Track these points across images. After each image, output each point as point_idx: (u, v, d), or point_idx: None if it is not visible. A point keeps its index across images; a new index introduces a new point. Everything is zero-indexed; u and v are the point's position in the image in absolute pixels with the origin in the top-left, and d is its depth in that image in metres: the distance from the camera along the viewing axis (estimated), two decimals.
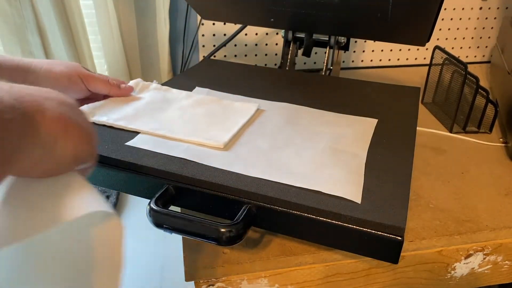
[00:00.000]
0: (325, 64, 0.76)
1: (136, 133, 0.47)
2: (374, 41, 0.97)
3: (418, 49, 1.00)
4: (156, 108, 0.53)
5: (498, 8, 0.97)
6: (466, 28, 0.99)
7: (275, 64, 0.98)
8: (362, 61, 1.00)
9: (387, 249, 0.36)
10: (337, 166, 0.43)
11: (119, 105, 0.52)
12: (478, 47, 1.02)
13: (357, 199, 0.38)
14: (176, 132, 0.47)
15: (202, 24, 0.90)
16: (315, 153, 0.45)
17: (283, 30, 0.77)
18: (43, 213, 0.25)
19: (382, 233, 0.36)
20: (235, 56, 0.95)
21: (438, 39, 0.99)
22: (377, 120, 0.54)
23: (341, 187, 0.39)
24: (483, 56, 1.03)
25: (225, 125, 0.49)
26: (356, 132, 0.50)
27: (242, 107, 0.54)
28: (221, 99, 0.56)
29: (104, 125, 0.48)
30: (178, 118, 0.51)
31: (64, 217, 0.24)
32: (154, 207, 0.37)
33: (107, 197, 0.76)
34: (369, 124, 0.52)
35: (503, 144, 0.62)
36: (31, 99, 0.25)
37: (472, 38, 1.00)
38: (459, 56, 0.79)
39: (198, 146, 0.45)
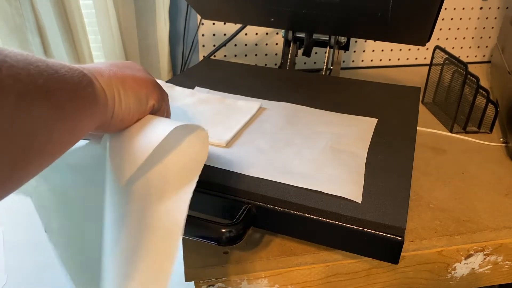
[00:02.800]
0: (325, 64, 0.76)
1: None
2: (374, 41, 0.97)
3: (418, 49, 1.00)
4: None
5: (498, 8, 0.97)
6: (467, 28, 0.98)
7: (275, 64, 0.98)
8: (362, 61, 1.00)
9: (387, 249, 0.36)
10: (337, 166, 0.43)
11: None
12: (478, 47, 1.02)
13: (358, 198, 0.38)
14: None
15: (202, 24, 0.90)
16: (315, 153, 0.45)
17: (283, 30, 0.77)
18: (141, 145, 0.30)
19: (383, 233, 0.36)
20: (235, 56, 0.95)
21: (438, 39, 0.99)
22: (377, 119, 0.54)
23: (342, 187, 0.39)
24: (484, 56, 1.03)
25: (227, 123, 0.49)
26: (356, 132, 0.50)
27: (245, 105, 0.54)
28: (224, 97, 0.57)
29: None
30: (181, 116, 0.51)
31: (156, 140, 0.29)
32: None
33: None
34: (369, 124, 0.52)
35: (504, 144, 0.62)
36: (88, 66, 0.28)
37: (473, 38, 1.00)
38: (459, 56, 0.79)
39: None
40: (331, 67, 0.77)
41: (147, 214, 0.30)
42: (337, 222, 0.37)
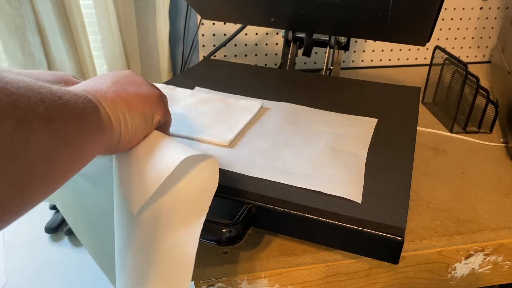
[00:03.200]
0: (325, 64, 0.76)
1: None
2: (375, 41, 0.97)
3: (418, 49, 1.00)
4: None
5: (498, 8, 0.97)
6: (467, 28, 0.98)
7: (275, 64, 0.97)
8: (362, 61, 1.00)
9: (387, 249, 0.36)
10: (337, 166, 0.43)
11: None
12: (478, 47, 1.02)
13: (358, 199, 0.38)
14: (181, 130, 0.47)
15: (202, 24, 0.90)
16: (315, 153, 0.45)
17: (283, 30, 0.77)
18: (151, 173, 0.29)
19: (383, 233, 0.36)
20: (235, 56, 0.95)
21: (438, 39, 0.99)
22: (377, 119, 0.54)
23: (342, 187, 0.39)
24: (484, 56, 1.03)
25: (230, 123, 0.50)
26: (356, 132, 0.50)
27: (247, 104, 0.54)
28: (225, 97, 0.57)
29: None
30: (183, 116, 0.51)
31: (167, 170, 0.29)
32: None
33: None
34: (369, 124, 0.52)
35: (504, 144, 0.62)
36: (91, 87, 0.27)
37: (473, 38, 1.00)
38: (459, 56, 0.79)
39: (203, 143, 0.46)
40: (331, 67, 0.77)
41: (156, 243, 0.30)
42: (337, 222, 0.37)
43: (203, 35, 0.91)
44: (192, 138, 0.46)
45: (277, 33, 0.94)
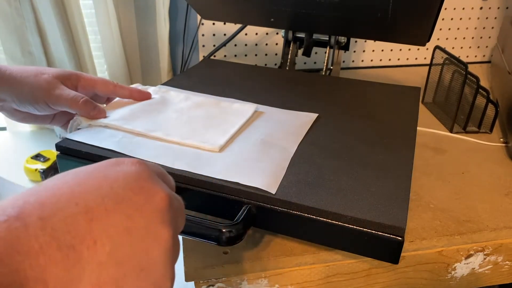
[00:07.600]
0: (325, 64, 0.76)
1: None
2: (375, 41, 0.97)
3: (418, 49, 1.00)
4: (154, 109, 0.52)
5: (498, 8, 0.97)
6: (467, 28, 0.98)
7: (275, 64, 0.97)
8: (362, 61, 1.00)
9: (387, 249, 0.36)
10: (262, 158, 0.43)
11: (117, 107, 0.52)
12: (478, 47, 1.02)
13: (272, 190, 0.38)
14: (172, 134, 0.47)
15: (202, 24, 0.90)
16: (244, 146, 0.45)
17: (283, 30, 0.77)
18: None
19: (383, 233, 0.36)
20: (235, 56, 0.95)
21: (438, 39, 0.99)
22: (317, 115, 0.54)
23: (259, 179, 0.40)
24: (484, 56, 1.03)
25: (222, 127, 0.49)
26: (291, 127, 0.51)
27: (240, 108, 0.54)
28: (219, 101, 0.56)
29: (99, 126, 0.48)
30: (175, 120, 0.50)
31: None
32: None
33: None
34: (307, 119, 0.53)
35: (504, 144, 0.62)
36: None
37: (473, 38, 1.00)
38: (459, 56, 0.79)
39: (193, 148, 0.45)
40: (331, 67, 0.77)
41: None
42: (337, 222, 0.37)
43: (203, 35, 0.91)
44: (182, 144, 0.46)
45: (277, 33, 0.94)
